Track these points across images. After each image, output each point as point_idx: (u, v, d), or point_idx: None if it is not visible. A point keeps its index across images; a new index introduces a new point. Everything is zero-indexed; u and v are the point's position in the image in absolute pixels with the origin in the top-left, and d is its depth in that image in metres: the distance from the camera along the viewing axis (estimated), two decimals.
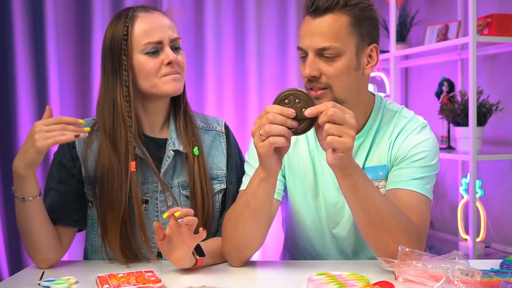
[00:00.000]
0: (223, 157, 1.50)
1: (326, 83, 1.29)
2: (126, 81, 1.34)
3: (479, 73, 2.76)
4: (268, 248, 3.18)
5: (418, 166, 1.33)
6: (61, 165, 1.43)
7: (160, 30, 1.35)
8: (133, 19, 1.35)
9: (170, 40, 1.36)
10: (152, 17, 1.37)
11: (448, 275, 1.07)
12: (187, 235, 1.22)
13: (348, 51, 1.28)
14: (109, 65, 1.36)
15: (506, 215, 2.83)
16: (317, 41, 1.27)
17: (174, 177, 1.44)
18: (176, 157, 1.43)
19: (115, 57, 1.35)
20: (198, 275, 1.28)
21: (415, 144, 1.35)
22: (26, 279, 1.28)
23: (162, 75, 1.36)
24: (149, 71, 1.35)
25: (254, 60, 3.27)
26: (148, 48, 1.34)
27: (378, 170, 1.37)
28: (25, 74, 2.94)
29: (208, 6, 3.20)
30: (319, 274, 1.20)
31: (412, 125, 1.38)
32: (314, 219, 1.44)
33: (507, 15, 2.62)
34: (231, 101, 3.25)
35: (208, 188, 1.43)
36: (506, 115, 2.73)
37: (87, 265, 1.43)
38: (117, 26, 1.36)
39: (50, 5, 2.94)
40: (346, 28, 1.27)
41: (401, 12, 3.31)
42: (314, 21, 1.28)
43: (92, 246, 1.46)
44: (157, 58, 1.35)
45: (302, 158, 1.43)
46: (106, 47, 1.37)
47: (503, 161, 2.78)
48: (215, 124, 1.54)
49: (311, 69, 1.28)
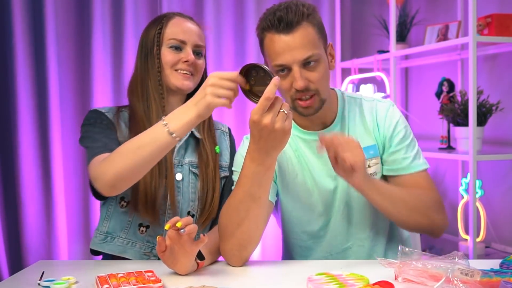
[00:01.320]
0: (227, 151, 1.63)
1: (315, 89, 1.38)
2: (159, 67, 1.49)
3: (479, 73, 2.76)
4: (268, 248, 3.18)
5: (406, 144, 1.48)
6: (98, 122, 1.49)
7: (187, 33, 1.51)
8: (168, 19, 1.52)
9: (194, 45, 1.51)
10: (185, 22, 1.53)
11: (448, 275, 1.07)
12: (188, 243, 1.24)
13: (323, 54, 1.40)
14: (143, 56, 1.52)
15: (506, 215, 2.83)
16: (300, 54, 1.35)
17: (186, 156, 1.55)
18: (189, 140, 1.56)
19: (148, 48, 1.51)
20: (198, 275, 1.29)
21: (396, 123, 1.50)
22: (26, 279, 1.28)
23: (176, 69, 1.49)
24: (167, 62, 1.49)
25: (254, 60, 3.27)
26: (172, 43, 1.49)
27: (369, 150, 1.47)
28: (25, 74, 2.94)
29: (208, 6, 3.20)
30: (319, 274, 1.21)
31: (383, 105, 1.52)
32: (308, 214, 1.50)
33: (507, 15, 2.62)
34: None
35: (217, 173, 1.55)
36: (506, 115, 2.73)
37: (87, 265, 1.43)
38: (153, 24, 1.54)
39: (50, 5, 2.95)
40: (317, 35, 1.38)
41: (401, 12, 3.31)
42: (287, 37, 1.35)
43: (107, 212, 1.51)
44: (177, 54, 1.50)
45: (289, 159, 1.49)
46: (143, 42, 1.53)
47: (503, 161, 2.78)
48: (220, 125, 1.68)
49: (303, 81, 1.36)
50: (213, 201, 1.53)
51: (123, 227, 1.50)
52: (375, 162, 1.48)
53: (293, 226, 1.53)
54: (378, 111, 1.51)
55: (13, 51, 2.92)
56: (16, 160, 2.94)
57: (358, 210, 1.49)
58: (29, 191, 2.93)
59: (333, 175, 1.44)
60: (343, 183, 1.46)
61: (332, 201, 1.49)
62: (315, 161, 1.48)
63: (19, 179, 2.92)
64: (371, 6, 3.61)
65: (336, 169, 1.31)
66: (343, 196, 1.48)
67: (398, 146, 1.48)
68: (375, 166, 1.48)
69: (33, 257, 2.90)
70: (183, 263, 1.26)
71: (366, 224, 1.49)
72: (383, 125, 1.49)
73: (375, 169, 1.48)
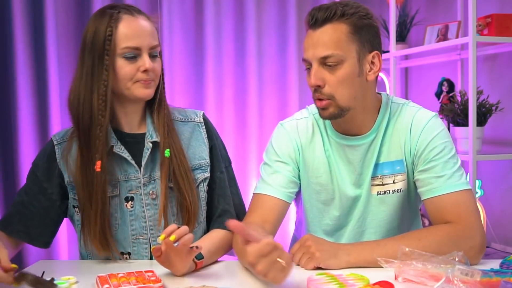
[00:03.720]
0: (204, 147, 1.51)
1: (329, 94, 1.34)
2: (106, 80, 1.35)
3: (479, 73, 2.76)
4: None
5: (443, 161, 1.35)
6: (36, 177, 1.45)
7: (140, 36, 1.37)
8: (117, 21, 1.36)
9: (149, 47, 1.38)
10: (136, 21, 1.38)
11: (448, 275, 1.07)
12: (184, 251, 1.23)
13: (350, 57, 1.33)
14: (89, 62, 1.37)
15: (506, 215, 2.83)
16: (320, 51, 1.32)
17: (156, 169, 1.44)
18: (155, 149, 1.44)
19: (96, 55, 1.36)
20: (198, 275, 1.29)
21: (433, 137, 1.38)
22: None
23: (136, 81, 1.38)
24: (125, 75, 1.37)
25: (254, 60, 3.27)
26: (126, 52, 1.36)
27: (395, 165, 1.41)
28: (25, 74, 2.94)
29: (208, 6, 3.20)
30: (319, 274, 1.20)
31: (424, 115, 1.41)
32: (324, 215, 1.48)
33: (507, 15, 2.62)
34: (231, 101, 3.25)
35: (190, 179, 1.44)
36: (506, 115, 2.74)
37: (87, 265, 1.43)
38: (100, 24, 1.36)
39: (50, 5, 2.95)
40: (346, 36, 1.32)
41: (401, 12, 3.31)
42: (315, 33, 1.34)
43: (86, 251, 1.47)
44: (134, 63, 1.37)
45: (317, 157, 1.46)
46: (88, 42, 1.37)
47: (503, 161, 2.78)
48: (193, 115, 1.54)
49: (316, 79, 1.34)
50: (192, 208, 1.43)
51: (105, 256, 1.43)
52: (401, 179, 1.41)
53: (308, 224, 1.51)
54: (415, 122, 1.40)
55: (13, 51, 2.92)
56: (16, 160, 2.94)
57: (373, 226, 1.46)
58: None
59: (358, 183, 1.43)
60: (365, 194, 1.43)
61: (350, 209, 1.46)
62: (342, 166, 1.44)
63: (19, 179, 2.92)
64: (371, 6, 3.59)
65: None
66: (361, 208, 1.44)
67: (432, 163, 1.36)
68: (401, 182, 1.41)
69: (33, 257, 2.90)
70: (179, 267, 1.26)
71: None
72: (417, 138, 1.39)
73: (401, 185, 1.41)
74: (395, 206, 1.43)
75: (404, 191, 1.42)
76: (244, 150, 3.25)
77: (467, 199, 1.33)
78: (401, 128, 1.41)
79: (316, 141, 1.46)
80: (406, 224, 1.47)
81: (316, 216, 1.49)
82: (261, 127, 3.27)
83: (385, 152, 1.42)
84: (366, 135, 1.42)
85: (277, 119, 2.95)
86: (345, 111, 1.36)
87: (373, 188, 1.43)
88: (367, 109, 1.40)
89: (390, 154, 1.42)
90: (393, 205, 1.43)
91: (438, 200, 1.34)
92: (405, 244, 1.22)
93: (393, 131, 1.42)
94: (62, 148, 1.44)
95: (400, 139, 1.41)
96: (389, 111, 1.44)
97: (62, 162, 1.43)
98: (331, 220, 1.48)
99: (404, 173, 1.41)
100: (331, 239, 1.46)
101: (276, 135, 1.50)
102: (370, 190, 1.43)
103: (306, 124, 1.48)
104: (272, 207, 1.42)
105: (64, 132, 1.48)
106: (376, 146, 1.42)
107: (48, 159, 1.45)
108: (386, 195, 1.43)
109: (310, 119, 1.48)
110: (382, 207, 1.44)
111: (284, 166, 1.45)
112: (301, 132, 1.47)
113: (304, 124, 1.48)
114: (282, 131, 1.49)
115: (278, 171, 1.45)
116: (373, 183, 1.43)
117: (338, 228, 1.48)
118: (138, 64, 1.37)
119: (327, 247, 1.28)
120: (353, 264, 1.27)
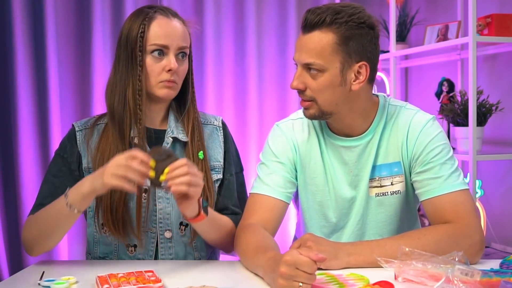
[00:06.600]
0: (220, 149, 1.54)
1: (311, 96, 1.36)
2: (140, 75, 1.40)
3: (479, 73, 2.76)
4: None
5: (440, 163, 1.36)
6: (63, 159, 1.47)
7: (169, 36, 1.41)
8: (151, 19, 1.41)
9: (177, 48, 1.42)
10: (168, 22, 1.43)
11: (448, 275, 1.07)
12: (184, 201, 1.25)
13: (332, 68, 1.32)
14: (123, 57, 1.42)
15: (506, 215, 2.83)
16: (304, 57, 1.34)
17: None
18: (175, 145, 1.48)
19: (129, 51, 1.41)
20: (198, 275, 1.29)
21: (430, 140, 1.38)
22: (26, 279, 1.28)
23: (160, 80, 1.42)
24: (151, 73, 1.41)
25: (254, 60, 3.27)
26: (154, 49, 1.40)
27: (392, 167, 1.42)
28: (25, 74, 2.94)
29: (208, 6, 3.20)
30: (319, 274, 1.20)
31: (421, 118, 1.42)
32: (320, 218, 1.48)
33: (507, 15, 2.62)
34: (231, 101, 3.25)
35: (210, 178, 1.48)
36: (506, 115, 2.74)
37: (87, 265, 1.43)
38: (135, 22, 1.42)
39: (50, 5, 2.95)
40: (331, 46, 1.31)
41: (401, 12, 3.31)
42: (303, 37, 1.35)
43: (94, 238, 1.48)
44: (160, 62, 1.41)
45: (313, 157, 1.46)
46: (123, 38, 1.43)
47: (503, 161, 2.79)
48: (213, 119, 1.58)
49: (298, 82, 1.36)
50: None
51: (112, 250, 1.47)
52: (399, 180, 1.41)
53: (307, 225, 1.51)
54: (412, 124, 1.40)
55: (13, 51, 2.92)
56: (16, 160, 2.94)
57: (373, 228, 1.45)
58: (29, 191, 2.92)
59: (353, 184, 1.43)
60: (362, 194, 1.43)
61: (347, 210, 1.45)
62: (337, 166, 1.44)
63: (19, 179, 2.92)
64: (371, 6, 3.60)
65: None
66: (360, 210, 1.44)
67: (429, 165, 1.36)
68: (399, 184, 1.42)
69: (33, 257, 2.90)
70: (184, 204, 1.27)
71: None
72: (414, 140, 1.39)
73: (399, 187, 1.42)
74: (394, 208, 1.43)
75: (402, 192, 1.43)
76: (244, 150, 3.25)
77: (465, 199, 1.33)
78: (399, 130, 1.41)
79: (312, 141, 1.46)
80: (406, 226, 1.47)
81: (313, 217, 1.49)
82: (261, 127, 3.27)
83: (382, 154, 1.42)
84: (361, 137, 1.42)
85: (277, 119, 2.94)
86: (327, 115, 1.37)
87: (371, 190, 1.43)
88: (356, 113, 1.39)
89: (387, 156, 1.42)
90: (392, 206, 1.43)
91: (437, 201, 1.34)
92: (405, 243, 1.22)
93: (390, 133, 1.42)
94: (83, 134, 1.48)
95: (398, 141, 1.41)
96: (386, 114, 1.43)
97: (82, 147, 1.46)
98: (328, 221, 1.48)
99: (402, 175, 1.41)
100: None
101: (272, 136, 1.50)
102: (369, 192, 1.43)
103: (302, 125, 1.48)
104: (272, 208, 1.42)
105: (86, 120, 1.51)
106: (373, 147, 1.42)
107: (70, 142, 1.48)
108: (385, 197, 1.43)
109: (306, 119, 1.48)
110: (381, 208, 1.44)
111: (281, 166, 1.45)
112: (297, 133, 1.48)
113: (300, 125, 1.49)
114: (278, 131, 1.49)
115: (275, 172, 1.45)
116: (371, 185, 1.43)
117: (336, 229, 1.48)
118: (164, 63, 1.41)
119: (327, 247, 1.28)
120: (353, 264, 1.27)
